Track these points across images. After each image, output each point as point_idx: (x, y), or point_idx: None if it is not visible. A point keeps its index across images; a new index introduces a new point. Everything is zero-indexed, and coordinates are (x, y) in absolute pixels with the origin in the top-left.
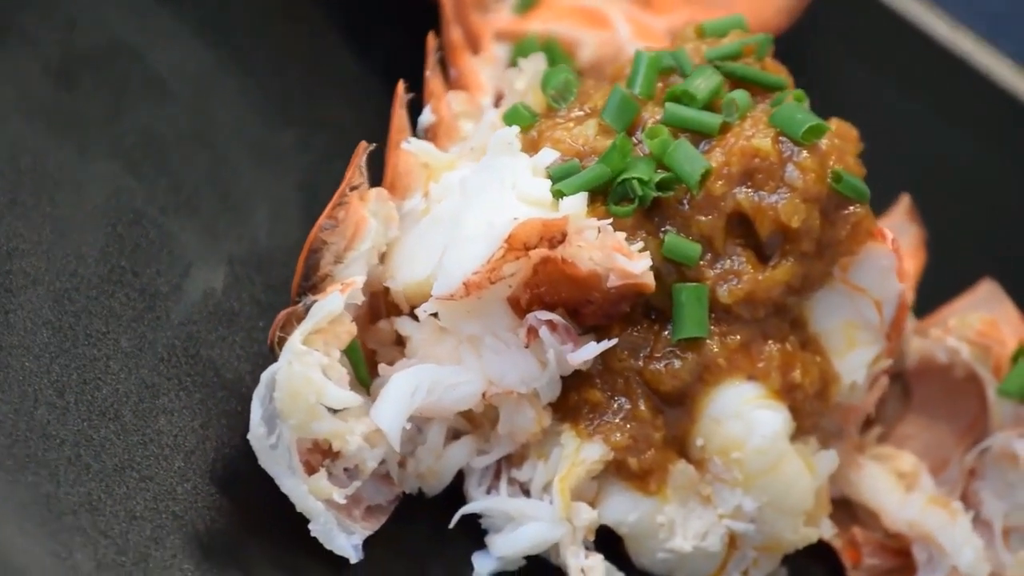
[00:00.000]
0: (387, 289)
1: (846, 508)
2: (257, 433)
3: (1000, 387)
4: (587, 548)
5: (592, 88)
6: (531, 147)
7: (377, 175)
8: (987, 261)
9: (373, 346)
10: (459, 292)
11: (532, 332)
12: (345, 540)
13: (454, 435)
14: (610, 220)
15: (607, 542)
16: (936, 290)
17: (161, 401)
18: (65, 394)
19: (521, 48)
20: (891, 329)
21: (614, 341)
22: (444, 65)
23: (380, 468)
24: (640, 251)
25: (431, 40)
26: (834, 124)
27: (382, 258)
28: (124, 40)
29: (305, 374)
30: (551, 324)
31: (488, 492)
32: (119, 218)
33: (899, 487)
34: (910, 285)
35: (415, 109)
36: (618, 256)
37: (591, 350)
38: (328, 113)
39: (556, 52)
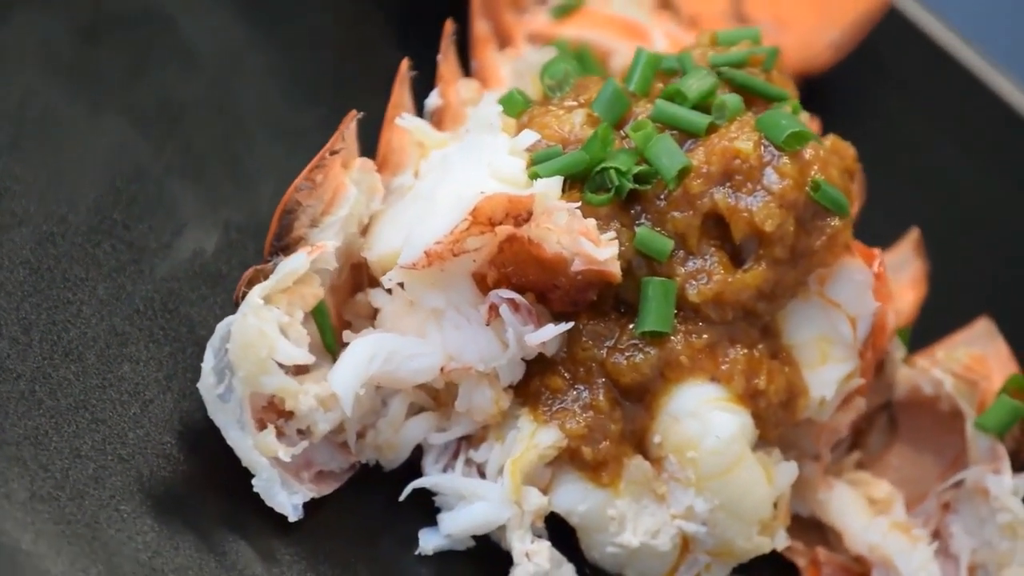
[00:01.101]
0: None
1: (818, 529)
2: (207, 382)
3: (977, 420)
4: (539, 536)
5: (592, 82)
6: (520, 132)
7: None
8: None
9: (350, 318)
10: (421, 261)
11: (493, 310)
12: (286, 498)
13: (417, 411)
14: (579, 204)
15: (563, 536)
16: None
17: (129, 350)
18: (31, 331)
19: (559, 52)
20: (865, 348)
21: (570, 324)
22: (466, 56)
23: (338, 436)
24: (610, 240)
25: (448, 26)
26: (830, 140)
27: (365, 231)
28: (159, 5)
29: (259, 327)
30: (513, 303)
31: (444, 470)
32: (120, 173)
33: (867, 511)
34: (906, 315)
35: (427, 92)
36: (584, 241)
37: (549, 331)
38: (354, 99)
39: (588, 59)
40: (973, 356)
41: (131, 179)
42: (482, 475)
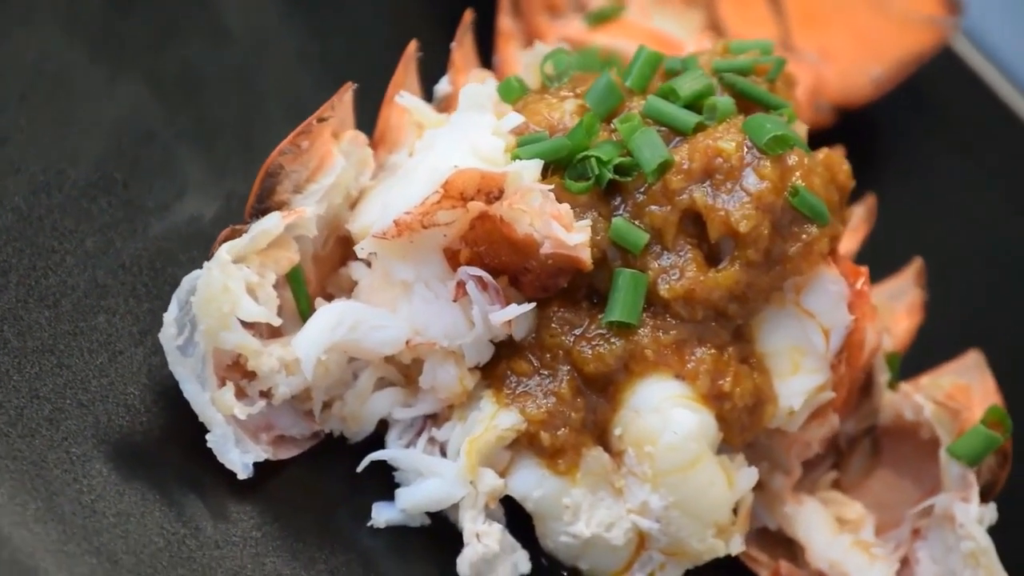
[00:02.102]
0: None
1: (787, 545)
2: (167, 332)
3: (950, 447)
4: (496, 521)
5: (592, 78)
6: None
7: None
8: None
9: (332, 291)
10: (390, 231)
11: (461, 286)
12: (238, 456)
13: (386, 386)
14: (552, 186)
15: (524, 527)
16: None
17: (107, 302)
18: (8, 274)
19: (583, 58)
20: (838, 361)
21: (532, 305)
22: (486, 48)
23: (304, 404)
24: (582, 227)
25: (467, 15)
26: (823, 152)
27: (354, 205)
28: None
29: (224, 283)
30: (481, 281)
31: (407, 447)
32: (128, 134)
33: (833, 528)
34: (899, 341)
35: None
36: (555, 225)
37: (512, 311)
38: (379, 90)
39: (618, 66)
40: (956, 385)
41: (139, 142)
42: (444, 454)
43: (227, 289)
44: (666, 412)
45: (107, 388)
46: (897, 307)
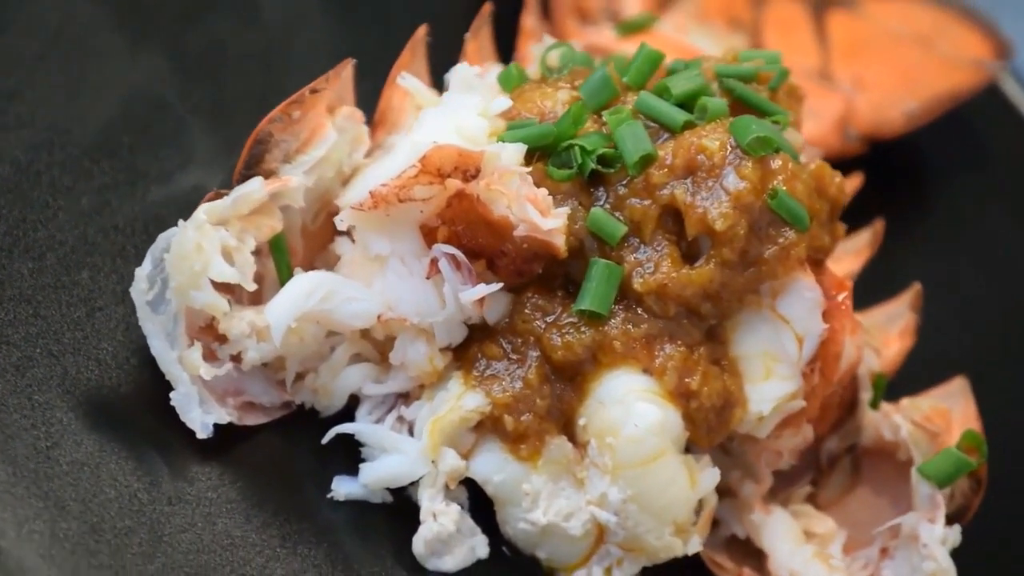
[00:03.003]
0: None
1: (757, 556)
2: (138, 287)
3: (920, 467)
4: (458, 504)
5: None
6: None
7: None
8: None
9: (320, 266)
10: (367, 202)
11: (434, 264)
12: (199, 415)
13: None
14: (529, 168)
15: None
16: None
17: (93, 259)
18: None
19: (588, 57)
20: (811, 371)
21: (499, 286)
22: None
23: (278, 373)
24: (559, 213)
25: (487, 8)
26: (816, 163)
27: (346, 182)
28: None
29: (198, 242)
30: (454, 260)
31: (376, 423)
32: (142, 103)
33: (798, 539)
34: (889, 363)
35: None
36: (531, 209)
37: (481, 290)
38: None
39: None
40: (935, 408)
41: (152, 111)
42: (412, 434)
43: (200, 248)
44: (630, 405)
45: (80, 342)
46: (891, 330)
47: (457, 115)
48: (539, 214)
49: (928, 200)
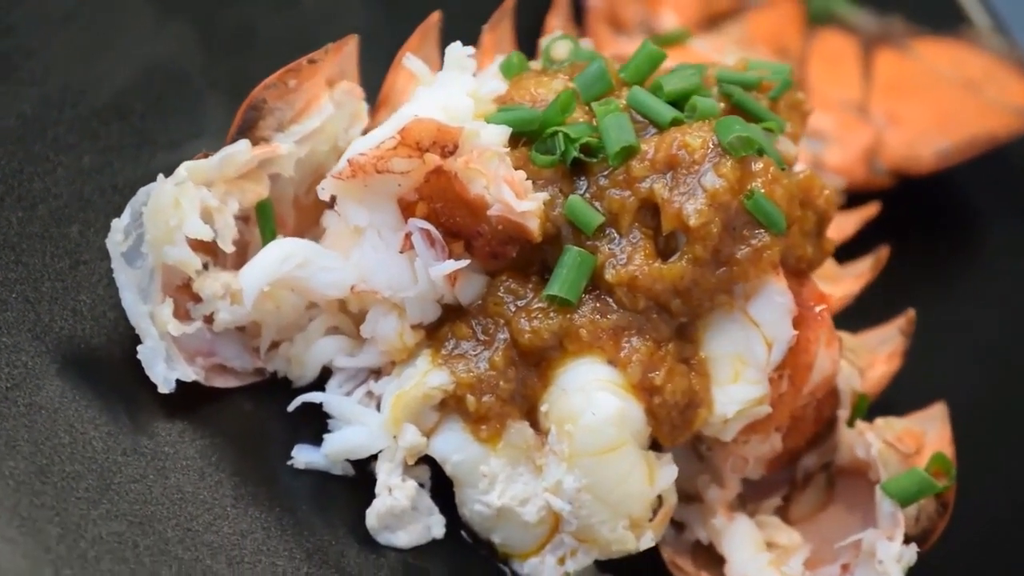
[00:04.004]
0: None
1: (720, 563)
2: (114, 238)
3: (884, 483)
4: (419, 483)
5: None
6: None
7: None
8: None
9: (310, 240)
10: (345, 171)
11: (409, 238)
12: (163, 370)
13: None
14: (507, 149)
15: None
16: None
17: (86, 215)
18: None
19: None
20: (777, 376)
21: (467, 262)
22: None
23: (253, 340)
24: (535, 196)
25: (509, 2)
26: (806, 172)
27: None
28: None
29: (177, 197)
30: (428, 235)
31: (347, 396)
32: (161, 74)
33: (758, 547)
34: (872, 383)
35: None
36: (506, 190)
37: (449, 265)
38: None
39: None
40: (908, 430)
41: (170, 82)
42: (379, 409)
43: (178, 204)
44: (591, 394)
45: (58, 291)
46: (879, 352)
47: (444, 92)
48: (514, 196)
49: (963, 238)
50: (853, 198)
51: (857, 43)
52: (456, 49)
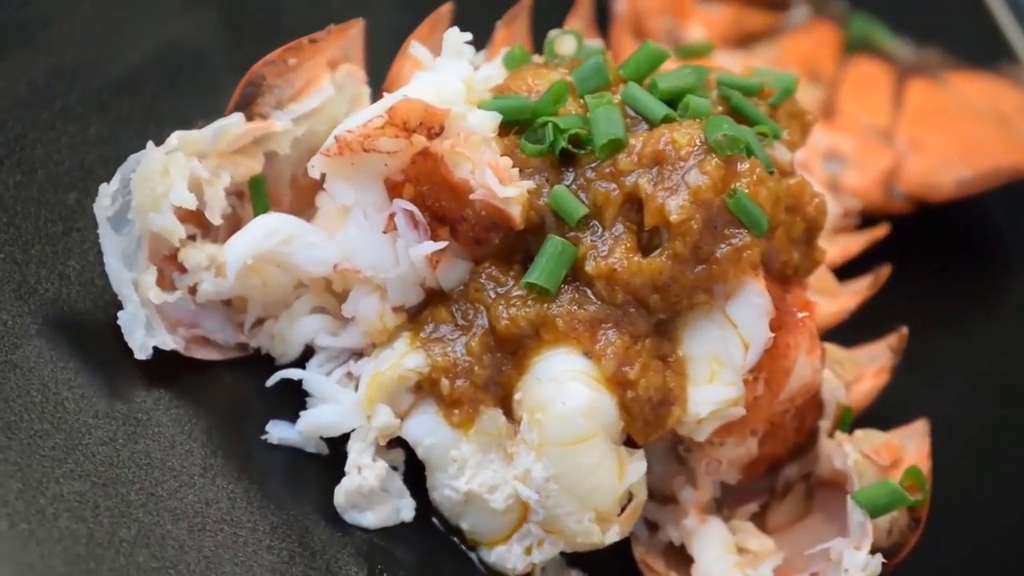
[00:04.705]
0: None
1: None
2: (101, 203)
3: (854, 493)
4: (392, 466)
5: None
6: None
7: None
8: None
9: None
10: (332, 148)
11: (392, 218)
12: (142, 336)
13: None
14: (494, 135)
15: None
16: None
17: (86, 184)
18: None
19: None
20: (752, 378)
21: (444, 244)
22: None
23: (239, 315)
24: (518, 183)
25: (526, 0)
26: (796, 179)
27: None
28: None
29: (165, 166)
30: (412, 216)
31: (327, 376)
32: (181, 53)
33: (726, 549)
34: (858, 397)
35: None
36: (490, 174)
37: (428, 246)
38: None
39: None
40: (886, 443)
41: (188, 62)
42: (357, 390)
43: (166, 172)
44: (563, 383)
45: (48, 255)
46: (867, 367)
47: (438, 76)
48: (498, 181)
49: (982, 265)
50: (871, 221)
51: (891, 72)
52: (453, 34)
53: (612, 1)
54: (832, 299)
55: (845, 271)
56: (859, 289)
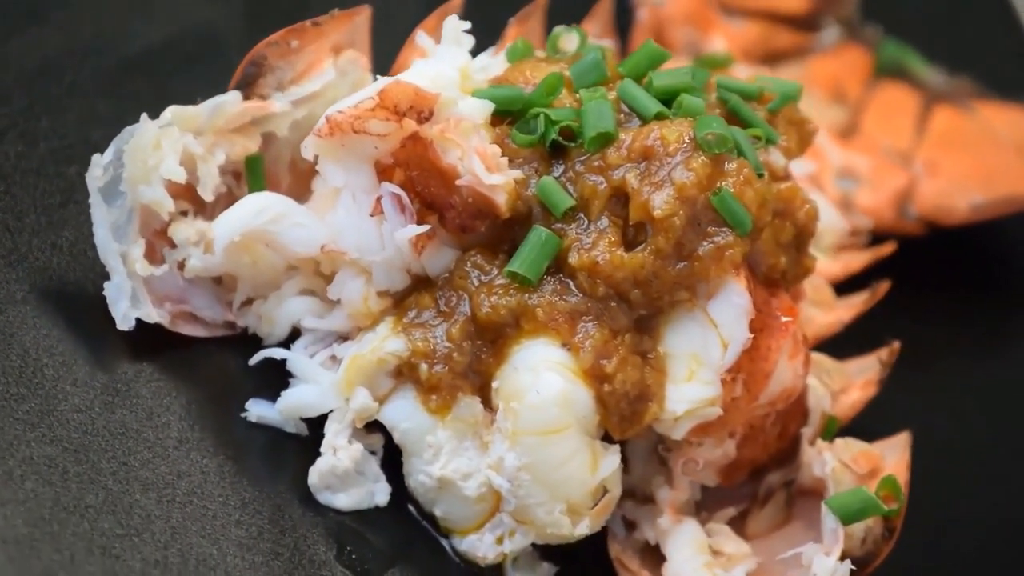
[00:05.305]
0: None
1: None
2: (93, 172)
3: (828, 499)
4: (370, 450)
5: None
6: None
7: None
8: None
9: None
10: (323, 128)
11: (379, 201)
12: (126, 308)
13: None
14: (483, 122)
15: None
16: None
17: (87, 157)
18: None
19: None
20: (730, 378)
21: (427, 227)
22: None
23: (229, 294)
24: (506, 171)
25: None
26: (788, 185)
27: None
28: None
29: (158, 139)
30: (399, 200)
31: (311, 358)
32: (198, 35)
33: (698, 549)
34: (844, 408)
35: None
36: (477, 161)
37: (412, 229)
38: None
39: None
40: (865, 452)
41: (204, 45)
42: None
43: (158, 145)
44: (539, 373)
45: (43, 225)
46: (856, 379)
47: (434, 63)
48: (484, 168)
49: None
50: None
51: (919, 97)
52: (452, 22)
53: (634, 8)
54: (828, 311)
55: (849, 286)
56: (855, 303)
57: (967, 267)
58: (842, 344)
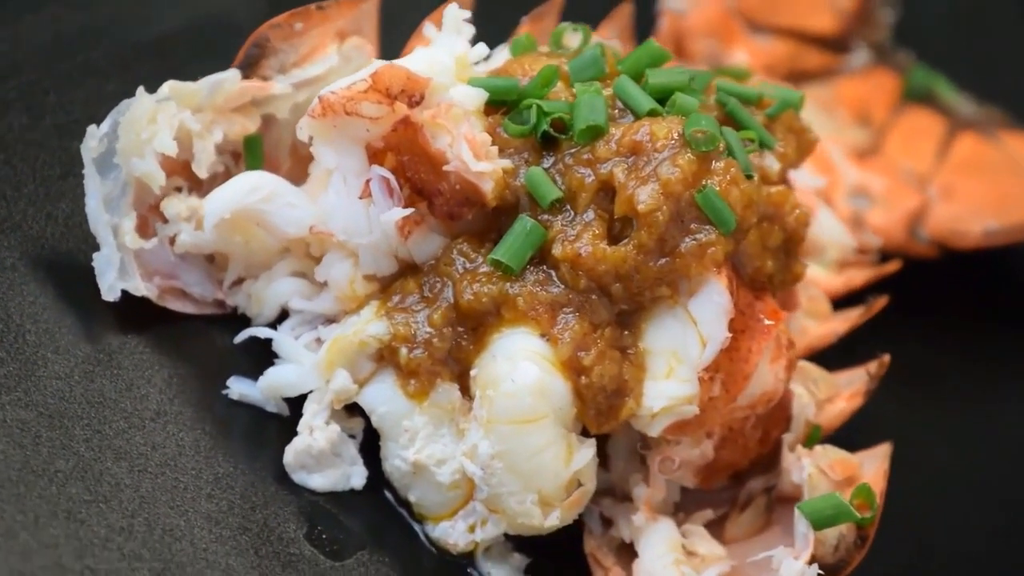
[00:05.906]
0: None
1: None
2: (88, 144)
3: (801, 504)
4: (349, 434)
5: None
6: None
7: None
8: None
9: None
10: (316, 108)
11: (368, 184)
12: (112, 279)
13: None
14: (475, 109)
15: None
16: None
17: (84, 127)
18: (8, 78)
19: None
20: (708, 377)
21: (411, 211)
22: None
23: (220, 273)
24: (494, 159)
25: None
26: (780, 189)
27: None
28: None
29: (153, 113)
30: (387, 183)
31: (296, 339)
32: (216, 22)
33: (670, 547)
34: (829, 417)
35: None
36: (465, 147)
37: (397, 212)
38: None
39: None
40: (843, 460)
41: (220, 32)
42: None
43: (153, 119)
44: (516, 362)
45: (39, 195)
46: (843, 390)
47: (431, 50)
48: (472, 155)
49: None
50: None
51: (944, 124)
52: (453, 11)
53: (657, 16)
54: (823, 322)
55: (851, 303)
56: (850, 316)
57: (975, 290)
58: (843, 359)
